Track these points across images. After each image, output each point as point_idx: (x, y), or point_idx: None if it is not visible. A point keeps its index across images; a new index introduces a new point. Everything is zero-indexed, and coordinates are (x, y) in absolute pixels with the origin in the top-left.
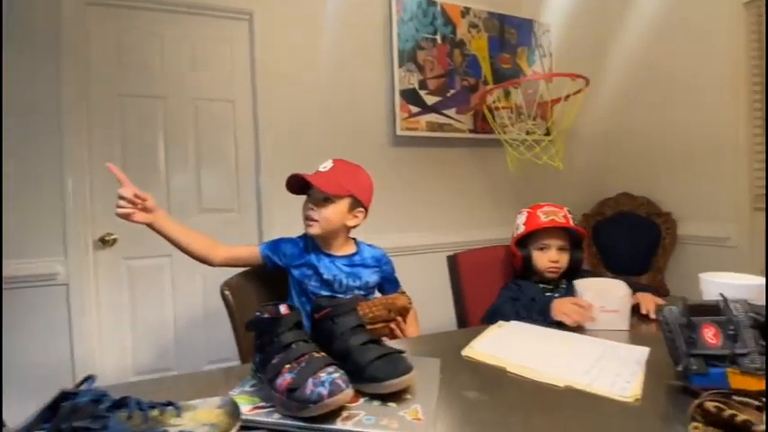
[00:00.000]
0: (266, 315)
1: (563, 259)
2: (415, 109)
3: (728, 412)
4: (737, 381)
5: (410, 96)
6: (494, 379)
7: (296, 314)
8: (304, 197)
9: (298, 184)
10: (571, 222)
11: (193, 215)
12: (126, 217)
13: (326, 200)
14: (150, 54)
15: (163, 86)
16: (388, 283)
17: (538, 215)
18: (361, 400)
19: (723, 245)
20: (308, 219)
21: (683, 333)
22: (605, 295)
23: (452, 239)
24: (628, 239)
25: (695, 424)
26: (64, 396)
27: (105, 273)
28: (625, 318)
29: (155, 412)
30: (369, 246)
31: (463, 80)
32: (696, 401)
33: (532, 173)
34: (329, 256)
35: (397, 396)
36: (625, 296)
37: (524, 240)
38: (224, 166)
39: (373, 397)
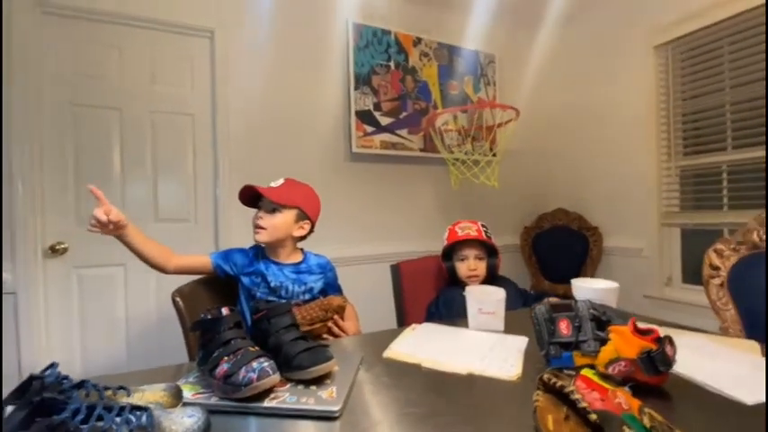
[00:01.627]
0: (209, 316)
1: (480, 267)
2: (369, 128)
3: (553, 380)
4: (580, 360)
5: (365, 117)
6: (409, 371)
7: (236, 315)
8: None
9: (250, 197)
10: (483, 235)
11: (149, 224)
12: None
13: (274, 210)
14: (108, 66)
15: (120, 98)
16: (331, 288)
17: (456, 231)
18: (288, 385)
19: (638, 255)
20: (256, 227)
21: (547, 326)
22: (484, 299)
23: (402, 250)
24: (562, 250)
25: (538, 392)
26: (32, 379)
27: (55, 282)
28: (500, 319)
29: (108, 392)
30: (315, 255)
31: (415, 104)
32: (539, 375)
33: (477, 190)
34: (277, 264)
35: (318, 381)
36: (500, 300)
37: (449, 254)
38: (181, 177)
39: (299, 382)
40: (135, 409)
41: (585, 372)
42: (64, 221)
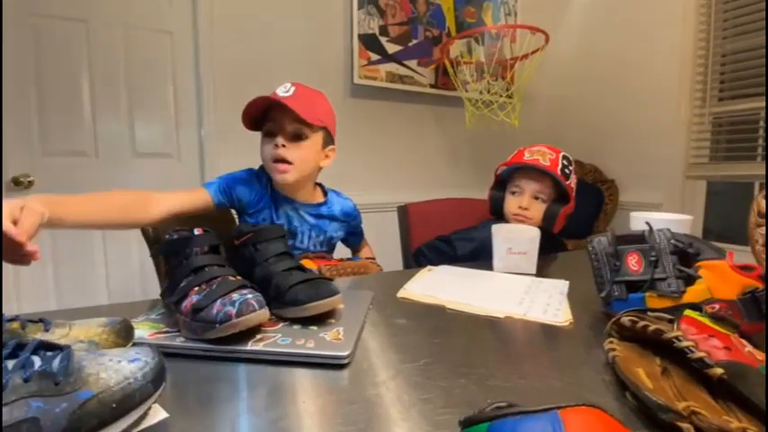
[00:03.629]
0: (176, 236)
1: (535, 208)
2: (374, 56)
3: (642, 323)
4: (655, 303)
5: (370, 42)
6: (430, 313)
7: (212, 237)
8: (257, 137)
9: (252, 116)
10: (558, 169)
11: (126, 160)
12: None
13: (299, 136)
14: None
15: (85, 7)
16: (353, 236)
17: (524, 152)
18: (280, 325)
19: (657, 210)
20: (278, 161)
21: (609, 262)
22: (514, 237)
23: (405, 198)
24: (575, 204)
25: (611, 339)
26: None
27: None
28: (532, 260)
29: (14, 325)
30: (338, 195)
31: (426, 30)
32: (613, 319)
33: (490, 134)
34: (292, 203)
35: (319, 320)
36: (533, 239)
37: (504, 181)
38: (161, 105)
39: (295, 321)
40: (46, 348)
41: (690, 313)
42: (28, 152)
